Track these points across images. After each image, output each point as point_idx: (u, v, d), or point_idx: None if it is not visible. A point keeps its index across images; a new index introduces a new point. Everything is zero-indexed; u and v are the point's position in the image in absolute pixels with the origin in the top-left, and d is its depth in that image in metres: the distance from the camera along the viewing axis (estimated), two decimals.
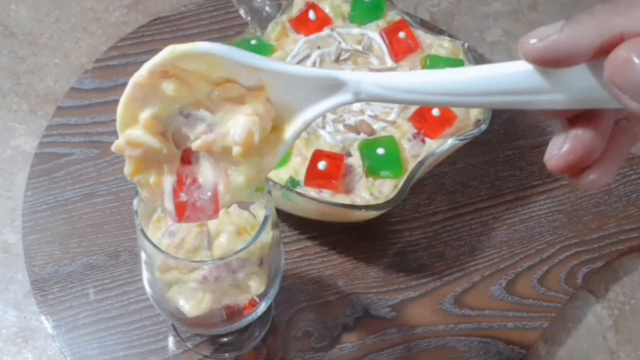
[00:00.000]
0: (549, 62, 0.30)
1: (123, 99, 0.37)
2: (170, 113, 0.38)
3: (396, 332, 0.59)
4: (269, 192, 0.46)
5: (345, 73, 0.36)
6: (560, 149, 0.32)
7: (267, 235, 0.48)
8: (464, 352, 0.58)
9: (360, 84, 0.35)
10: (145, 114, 0.37)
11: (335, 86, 0.36)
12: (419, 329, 0.59)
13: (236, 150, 0.38)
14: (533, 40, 0.30)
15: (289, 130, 0.38)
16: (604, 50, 0.29)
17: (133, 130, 0.38)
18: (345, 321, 0.60)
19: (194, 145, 0.38)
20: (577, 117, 0.32)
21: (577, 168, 0.33)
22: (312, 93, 0.37)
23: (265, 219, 0.46)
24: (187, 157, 0.39)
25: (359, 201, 0.57)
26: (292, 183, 0.58)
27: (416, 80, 0.34)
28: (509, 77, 0.32)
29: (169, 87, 0.37)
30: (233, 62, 0.36)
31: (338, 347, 0.58)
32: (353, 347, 0.59)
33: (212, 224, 0.49)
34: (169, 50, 0.36)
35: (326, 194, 0.57)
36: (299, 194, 0.57)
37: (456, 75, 0.33)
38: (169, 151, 0.39)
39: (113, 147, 0.39)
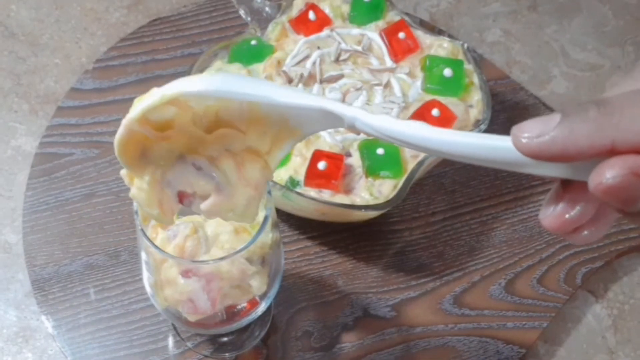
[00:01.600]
0: (539, 159, 0.31)
1: (118, 140, 0.38)
2: (172, 162, 0.40)
3: (396, 331, 0.59)
4: (269, 192, 0.47)
5: (342, 108, 0.36)
6: (554, 210, 0.34)
7: (267, 236, 0.48)
8: (463, 351, 0.59)
9: (354, 121, 0.36)
10: (147, 177, 0.40)
11: (331, 113, 0.37)
12: (419, 329, 0.60)
13: (231, 216, 0.40)
14: (525, 138, 0.31)
15: (284, 142, 0.39)
16: (594, 155, 0.30)
17: (138, 196, 0.40)
18: (345, 321, 0.60)
19: (204, 206, 0.40)
20: (570, 180, 0.33)
21: (570, 228, 0.34)
22: (308, 114, 0.37)
23: (265, 219, 0.46)
24: (181, 198, 0.41)
25: (358, 201, 0.58)
26: (292, 183, 0.58)
27: (406, 131, 0.35)
28: (495, 149, 0.33)
29: (163, 147, 0.39)
30: (226, 97, 0.37)
31: (338, 346, 0.59)
32: (353, 346, 0.59)
33: (209, 227, 0.50)
34: (159, 97, 0.37)
35: (326, 194, 0.57)
36: (299, 194, 0.57)
37: (444, 137, 0.34)
38: (166, 219, 0.42)
39: (122, 175, 0.41)
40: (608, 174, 0.29)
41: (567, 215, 0.33)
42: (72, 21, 0.75)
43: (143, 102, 0.37)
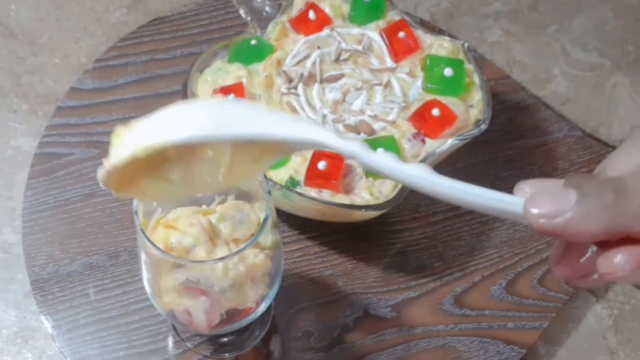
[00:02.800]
0: (551, 236, 0.32)
1: (101, 180, 0.40)
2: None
3: (396, 332, 0.59)
4: (269, 193, 0.46)
5: (341, 144, 0.36)
6: (563, 258, 0.34)
7: (267, 236, 0.48)
8: (463, 352, 0.58)
9: (354, 156, 0.36)
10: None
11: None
12: (419, 329, 0.59)
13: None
14: (539, 216, 0.31)
15: (275, 154, 0.39)
16: (608, 239, 0.31)
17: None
18: (345, 321, 0.60)
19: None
20: None
21: (581, 274, 0.35)
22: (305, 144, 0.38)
23: (265, 219, 0.46)
24: None
25: (359, 201, 0.58)
26: (292, 183, 0.58)
27: (406, 175, 0.35)
28: (499, 208, 0.33)
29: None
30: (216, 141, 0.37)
31: (338, 347, 0.58)
32: (353, 347, 0.59)
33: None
34: (143, 147, 0.37)
35: (326, 194, 0.57)
36: (299, 194, 0.57)
37: (441, 186, 0.35)
38: None
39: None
40: (617, 266, 0.30)
41: (577, 263, 0.34)
42: (72, 21, 0.75)
43: (127, 149, 0.37)
